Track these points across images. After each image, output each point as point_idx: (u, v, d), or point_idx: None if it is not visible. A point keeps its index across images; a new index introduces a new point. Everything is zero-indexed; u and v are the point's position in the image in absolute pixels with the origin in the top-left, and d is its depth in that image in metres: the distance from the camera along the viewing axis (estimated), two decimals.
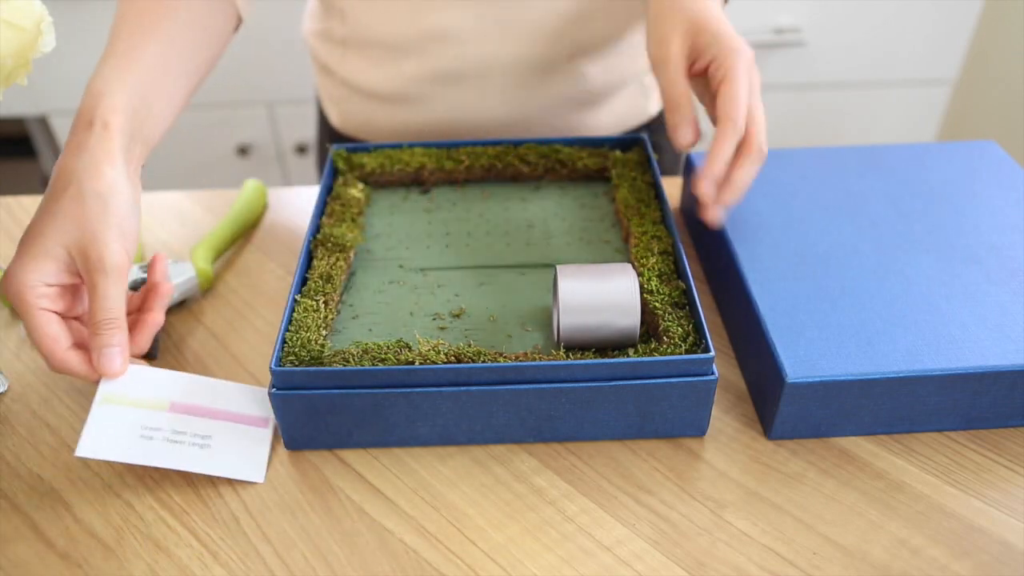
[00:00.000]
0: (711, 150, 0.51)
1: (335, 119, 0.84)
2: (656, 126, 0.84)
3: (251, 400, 0.51)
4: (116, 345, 0.47)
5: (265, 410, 0.51)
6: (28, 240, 0.47)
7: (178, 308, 0.62)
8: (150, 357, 0.56)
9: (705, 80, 0.54)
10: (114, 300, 0.47)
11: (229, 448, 0.49)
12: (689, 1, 0.54)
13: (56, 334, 0.47)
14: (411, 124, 0.77)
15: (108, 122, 0.50)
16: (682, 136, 0.54)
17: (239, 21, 0.65)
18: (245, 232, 0.70)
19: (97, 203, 0.47)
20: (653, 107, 0.83)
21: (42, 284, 0.47)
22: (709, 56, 0.52)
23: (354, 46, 0.75)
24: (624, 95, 0.79)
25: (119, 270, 0.47)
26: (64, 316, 0.48)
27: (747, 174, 0.51)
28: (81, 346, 0.48)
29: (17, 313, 0.48)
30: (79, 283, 0.49)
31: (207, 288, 0.63)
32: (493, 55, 0.71)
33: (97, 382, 0.48)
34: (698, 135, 0.54)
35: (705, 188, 0.51)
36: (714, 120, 0.53)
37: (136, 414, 0.47)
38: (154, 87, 0.54)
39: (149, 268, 0.54)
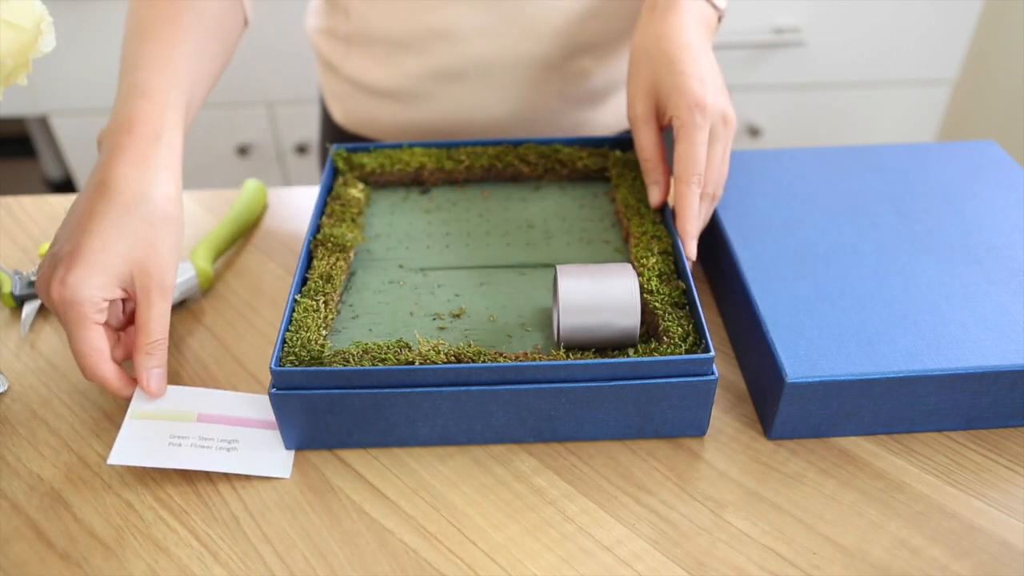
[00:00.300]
0: (676, 211, 0.54)
1: (339, 116, 0.84)
2: None
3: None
4: (162, 366, 0.49)
5: None
6: (91, 251, 0.47)
7: (178, 308, 0.62)
8: None
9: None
10: (166, 321, 0.49)
11: (254, 449, 0.50)
12: (656, 40, 0.55)
13: (102, 349, 0.48)
14: (414, 121, 0.77)
15: (173, 141, 0.51)
16: (651, 196, 0.57)
17: (246, 24, 0.65)
18: (245, 232, 0.70)
19: (167, 227, 0.49)
20: None
21: (101, 299, 0.47)
22: (670, 112, 0.54)
23: (357, 43, 0.75)
24: (624, 94, 0.79)
25: (170, 295, 0.50)
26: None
27: (704, 215, 0.56)
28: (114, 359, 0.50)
29: (63, 319, 0.47)
30: (125, 298, 0.50)
31: (207, 288, 0.63)
32: (496, 53, 0.71)
33: (125, 398, 0.50)
34: (666, 195, 0.58)
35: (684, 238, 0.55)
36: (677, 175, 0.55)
37: (165, 425, 0.50)
38: (193, 97, 0.55)
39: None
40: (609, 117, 0.80)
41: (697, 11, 0.59)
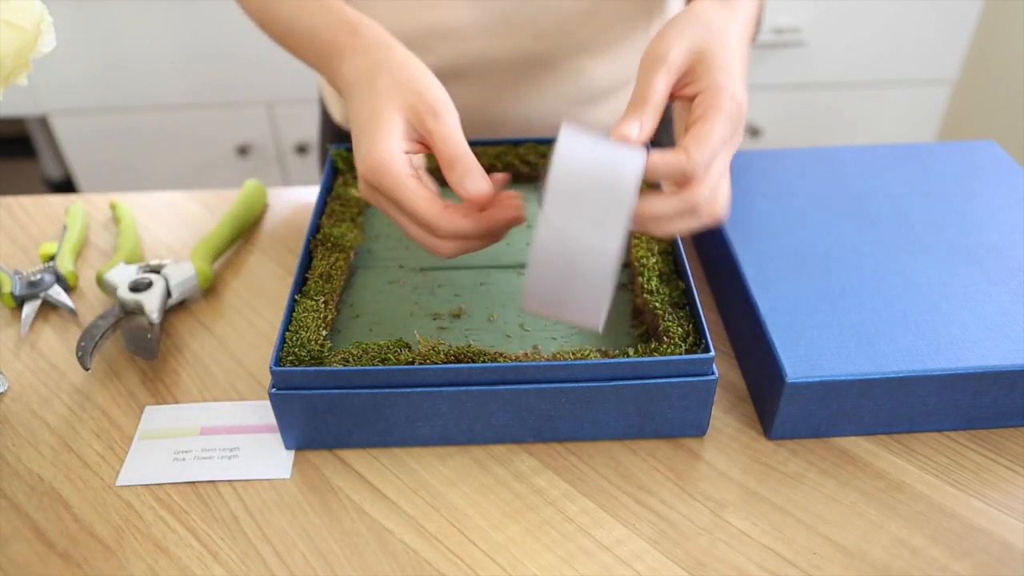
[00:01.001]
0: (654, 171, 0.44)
1: (338, 115, 0.84)
2: (659, 125, 0.84)
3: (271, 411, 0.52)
4: (475, 170, 0.46)
5: None
6: (365, 121, 0.48)
7: (178, 308, 0.62)
8: (149, 359, 0.56)
9: (687, 107, 0.48)
10: (460, 137, 0.48)
11: (255, 453, 0.50)
12: (716, 20, 0.50)
13: (433, 195, 0.46)
14: None
15: (366, 22, 0.54)
16: (626, 125, 0.46)
17: None
18: (245, 232, 0.70)
19: (406, 66, 0.50)
20: None
21: (401, 152, 0.47)
22: (701, 85, 0.47)
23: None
24: (627, 93, 0.79)
25: (452, 111, 0.49)
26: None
27: (672, 228, 0.45)
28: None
29: (379, 190, 0.47)
30: (415, 150, 0.49)
31: (207, 288, 0.63)
32: (494, 51, 0.71)
33: (484, 242, 0.47)
34: (642, 135, 0.46)
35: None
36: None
37: (170, 443, 0.51)
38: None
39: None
40: (610, 116, 0.80)
41: (749, 21, 0.53)
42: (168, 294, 0.60)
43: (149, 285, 0.59)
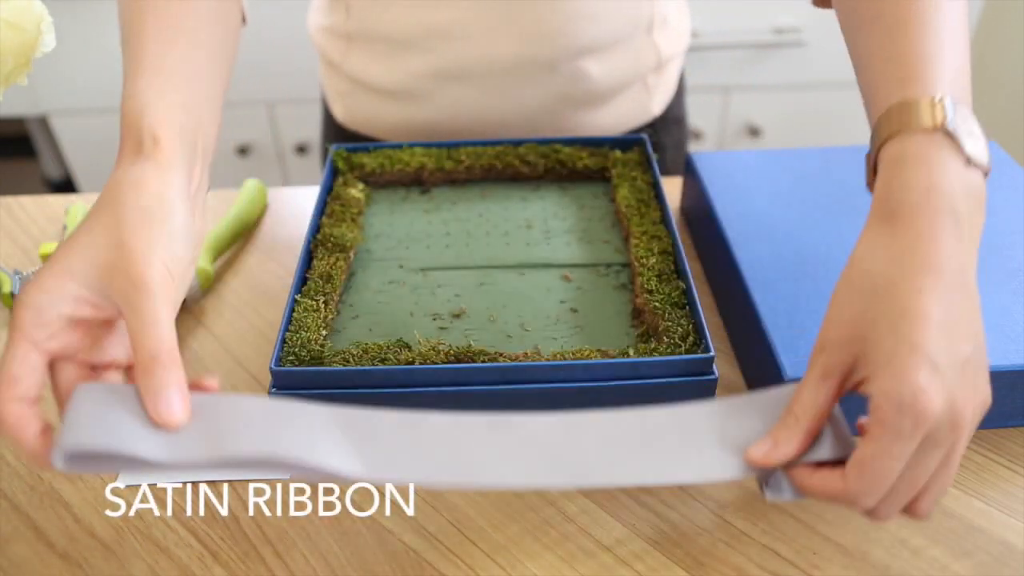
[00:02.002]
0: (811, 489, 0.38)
1: (340, 114, 0.84)
2: (659, 125, 0.84)
3: None
4: (173, 385, 0.36)
5: None
6: (51, 258, 0.39)
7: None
8: None
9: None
10: (163, 327, 0.37)
11: None
12: (881, 272, 0.37)
13: (21, 379, 0.36)
14: (415, 120, 0.78)
15: (157, 136, 0.42)
16: (756, 446, 0.38)
17: (244, 22, 0.59)
18: (245, 232, 0.70)
19: (137, 215, 0.39)
20: (656, 107, 0.83)
21: (51, 309, 0.37)
22: (871, 388, 0.36)
23: (359, 41, 0.76)
24: (627, 95, 0.79)
25: (164, 290, 0.38)
26: (61, 358, 0.38)
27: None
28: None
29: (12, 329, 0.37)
30: (105, 320, 0.39)
31: (207, 288, 0.63)
32: (498, 53, 0.71)
33: (33, 459, 0.37)
34: (782, 458, 0.38)
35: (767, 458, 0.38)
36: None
37: None
38: (194, 96, 0.46)
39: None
40: (611, 119, 0.80)
41: (961, 191, 0.38)
42: None
43: None
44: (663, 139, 0.85)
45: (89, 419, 0.36)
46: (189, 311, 0.62)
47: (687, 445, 0.39)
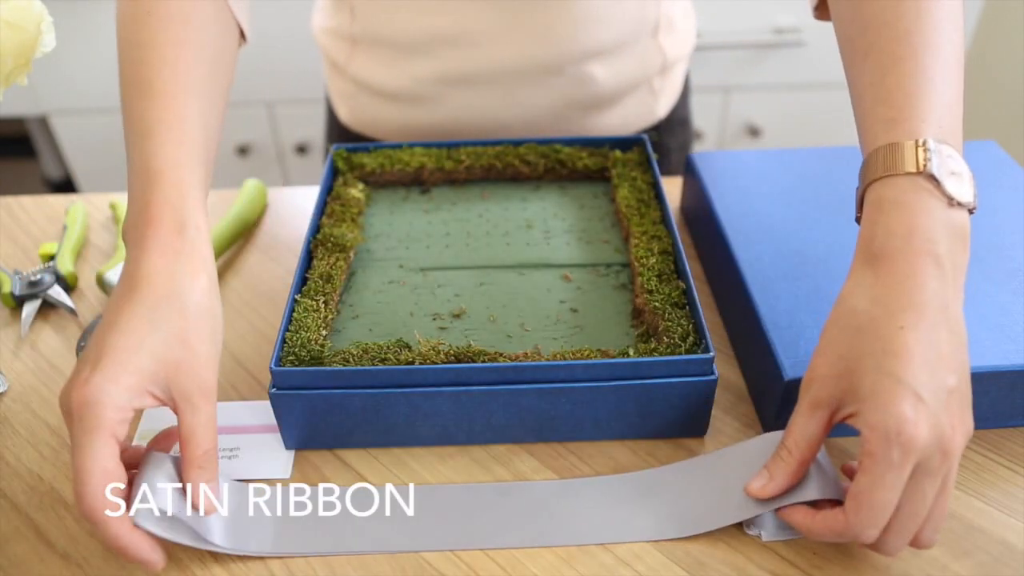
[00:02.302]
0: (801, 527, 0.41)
1: (344, 115, 0.84)
2: (664, 128, 0.84)
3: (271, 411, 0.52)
4: (215, 479, 0.43)
5: None
6: (119, 349, 0.40)
7: None
8: None
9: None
10: (214, 427, 0.43)
11: (255, 454, 0.50)
12: (864, 311, 0.39)
13: (111, 472, 0.39)
14: (420, 123, 0.78)
15: (199, 224, 0.45)
16: (754, 480, 0.42)
17: (244, 41, 0.58)
18: (245, 232, 0.70)
19: (204, 321, 0.43)
20: (661, 109, 0.83)
21: (128, 404, 0.40)
22: (858, 423, 0.38)
23: (363, 44, 0.76)
24: (633, 98, 0.79)
25: (214, 394, 0.43)
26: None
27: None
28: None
29: (75, 427, 0.40)
30: (148, 404, 0.42)
31: None
32: (504, 57, 0.71)
33: (133, 559, 0.41)
34: (778, 490, 0.41)
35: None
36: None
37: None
38: (208, 154, 0.49)
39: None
40: (616, 121, 0.80)
41: (943, 232, 0.39)
42: None
43: None
44: (668, 141, 0.85)
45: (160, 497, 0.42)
46: None
47: (683, 499, 0.45)
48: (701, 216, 0.64)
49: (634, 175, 0.64)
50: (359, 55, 0.77)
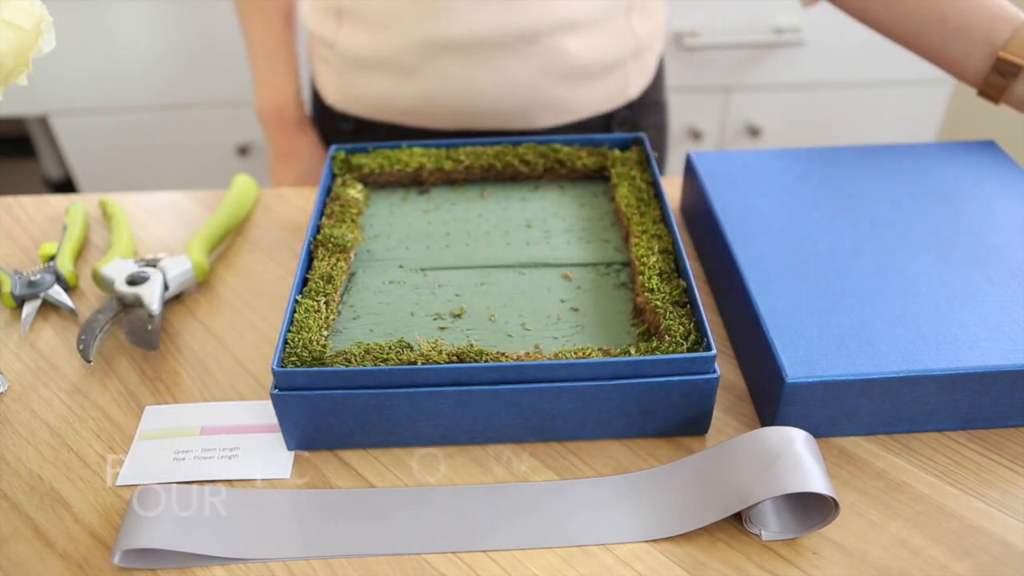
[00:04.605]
0: None
1: (331, 96, 0.88)
2: (637, 107, 0.89)
3: (272, 411, 0.52)
4: None
5: None
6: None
7: (176, 301, 0.62)
8: (150, 349, 0.56)
9: None
10: None
11: (255, 454, 0.50)
12: None
13: None
14: (404, 95, 0.81)
15: (303, 119, 0.91)
16: None
17: None
18: (238, 226, 0.70)
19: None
20: (633, 90, 0.87)
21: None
22: None
23: (348, 16, 0.80)
24: (608, 76, 0.83)
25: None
26: None
27: None
28: None
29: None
30: None
31: (203, 280, 0.63)
32: (481, 23, 0.75)
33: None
34: None
35: None
36: None
37: (170, 442, 0.51)
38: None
39: None
40: (598, 96, 0.84)
41: None
42: (165, 287, 0.60)
43: (147, 279, 0.59)
44: (642, 120, 0.90)
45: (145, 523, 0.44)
46: (185, 306, 0.62)
47: (680, 497, 0.46)
48: (701, 216, 0.64)
49: (633, 174, 0.64)
50: (345, 28, 0.81)
